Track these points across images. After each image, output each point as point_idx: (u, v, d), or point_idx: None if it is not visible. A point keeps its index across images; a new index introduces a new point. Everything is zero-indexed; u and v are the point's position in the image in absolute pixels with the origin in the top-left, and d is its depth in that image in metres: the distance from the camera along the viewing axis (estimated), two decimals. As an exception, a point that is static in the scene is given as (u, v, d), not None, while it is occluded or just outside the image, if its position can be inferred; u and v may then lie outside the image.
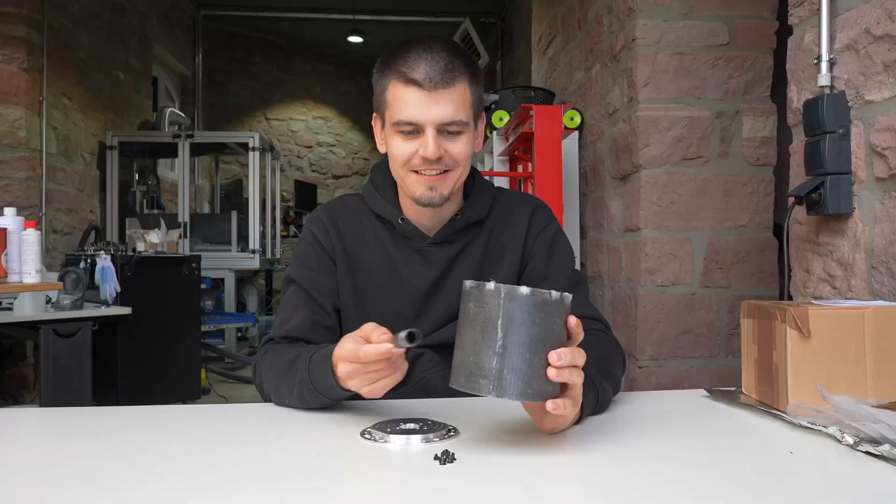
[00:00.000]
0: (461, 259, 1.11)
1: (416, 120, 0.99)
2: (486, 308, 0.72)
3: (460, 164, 1.03)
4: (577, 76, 3.23)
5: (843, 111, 1.25)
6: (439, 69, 0.97)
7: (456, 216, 1.11)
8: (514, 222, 1.14)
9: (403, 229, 1.10)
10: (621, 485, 0.67)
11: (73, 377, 2.90)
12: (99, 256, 3.48)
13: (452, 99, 0.99)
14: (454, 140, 1.01)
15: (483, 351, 0.72)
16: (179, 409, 1.06)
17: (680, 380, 2.43)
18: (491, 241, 1.13)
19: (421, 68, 0.97)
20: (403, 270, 1.10)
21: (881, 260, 1.16)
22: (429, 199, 1.03)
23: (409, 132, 1.00)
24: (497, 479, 0.69)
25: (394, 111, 1.00)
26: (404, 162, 1.02)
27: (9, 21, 4.07)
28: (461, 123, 1.00)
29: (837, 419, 0.80)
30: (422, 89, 0.97)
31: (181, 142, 5.55)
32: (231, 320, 5.46)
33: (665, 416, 0.97)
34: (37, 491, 0.68)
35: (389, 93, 1.01)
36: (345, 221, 1.13)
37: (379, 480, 0.70)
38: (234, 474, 0.71)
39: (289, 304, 1.10)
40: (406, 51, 0.99)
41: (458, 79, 0.99)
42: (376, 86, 1.05)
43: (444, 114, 0.98)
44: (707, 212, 2.45)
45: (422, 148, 1.00)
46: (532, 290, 0.72)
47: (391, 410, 0.97)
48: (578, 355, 0.74)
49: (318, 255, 1.11)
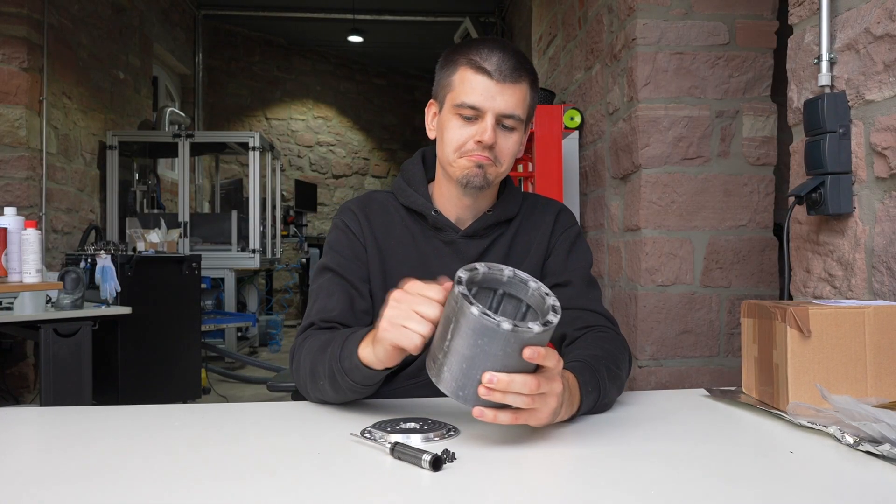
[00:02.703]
0: (488, 254, 1.14)
1: (481, 105, 1.03)
2: (450, 306, 0.76)
3: (506, 161, 1.08)
4: (578, 76, 3.23)
5: (843, 111, 1.25)
6: (510, 65, 1.03)
7: (488, 212, 1.15)
8: (539, 222, 1.19)
9: (436, 221, 1.13)
10: (621, 484, 0.67)
11: (73, 376, 2.91)
12: (99, 256, 3.48)
13: (516, 94, 1.04)
14: (507, 135, 1.06)
15: (438, 340, 0.77)
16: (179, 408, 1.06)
17: (680, 379, 2.43)
18: (517, 239, 1.17)
19: (494, 60, 1.02)
20: (433, 262, 1.12)
21: (881, 259, 1.16)
22: (475, 177, 1.06)
23: (468, 117, 1.04)
24: (497, 478, 0.69)
25: (459, 93, 1.04)
26: (458, 146, 1.05)
27: (9, 21, 4.07)
28: (517, 119, 1.05)
29: (837, 419, 0.80)
30: (491, 79, 1.02)
31: (181, 141, 5.56)
32: (231, 320, 5.46)
33: (665, 415, 0.97)
34: (37, 490, 0.68)
35: (458, 76, 1.05)
36: (375, 214, 1.16)
37: (379, 480, 0.70)
38: (235, 474, 0.71)
39: (325, 291, 1.10)
40: (480, 43, 1.05)
41: (524, 78, 1.05)
42: (441, 71, 1.09)
43: (506, 105, 1.03)
44: (707, 211, 2.45)
45: (479, 133, 1.03)
46: (481, 312, 0.71)
47: (391, 410, 0.97)
48: (523, 385, 0.74)
49: (351, 242, 1.13)
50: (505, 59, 1.03)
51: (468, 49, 1.05)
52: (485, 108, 1.03)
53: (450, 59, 1.07)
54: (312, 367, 0.98)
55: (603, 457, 0.75)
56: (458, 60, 1.05)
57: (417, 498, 0.65)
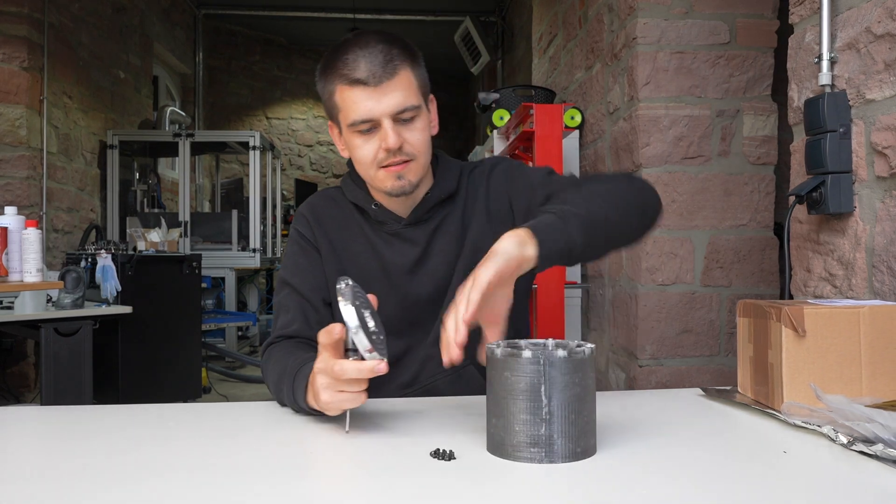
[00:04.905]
0: (439, 235, 1.13)
1: (370, 116, 1.01)
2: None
3: (421, 152, 1.05)
4: (578, 75, 3.22)
5: (843, 110, 1.24)
6: (379, 63, 1.00)
7: (427, 194, 1.13)
8: (479, 185, 1.16)
9: (377, 214, 1.13)
10: (615, 483, 0.67)
11: (73, 376, 2.91)
12: (100, 255, 3.48)
13: (399, 87, 1.01)
14: (411, 127, 1.03)
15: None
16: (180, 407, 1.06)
17: (680, 379, 2.43)
18: (465, 213, 1.14)
19: (362, 66, 1.00)
20: (384, 253, 1.13)
21: (882, 259, 1.16)
22: (400, 188, 1.06)
23: (366, 130, 1.03)
24: (496, 477, 0.69)
25: (347, 113, 1.03)
26: (370, 161, 1.04)
27: (9, 20, 4.07)
28: (413, 108, 1.03)
29: (831, 418, 0.80)
30: (367, 86, 1.00)
31: (182, 141, 5.56)
32: (231, 319, 5.46)
33: (660, 415, 0.97)
34: (37, 489, 0.68)
35: (338, 96, 1.03)
36: (326, 212, 1.17)
37: (378, 479, 0.70)
38: (235, 473, 0.71)
39: (283, 308, 1.13)
40: (343, 53, 1.02)
41: (400, 67, 1.01)
42: (323, 94, 1.07)
43: (394, 103, 1.00)
44: (707, 211, 2.45)
45: (382, 141, 1.02)
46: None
47: (391, 410, 0.97)
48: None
49: (304, 250, 1.15)
50: (372, 59, 0.99)
51: (336, 63, 1.02)
52: (376, 117, 1.01)
53: (324, 79, 1.05)
54: (277, 395, 1.00)
55: (597, 455, 0.75)
56: (332, 79, 1.03)
57: (417, 497, 0.65)
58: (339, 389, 0.81)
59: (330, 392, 0.82)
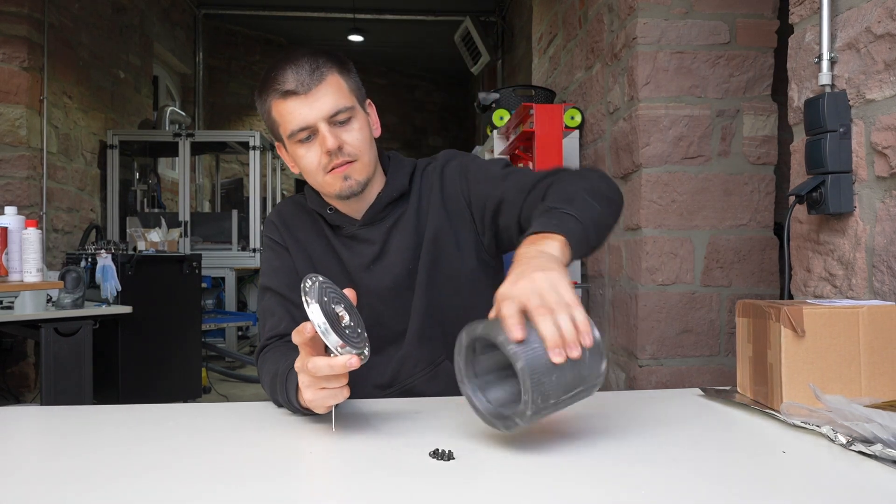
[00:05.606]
0: (395, 232, 1.14)
1: (305, 123, 1.03)
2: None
3: (363, 151, 1.07)
4: (578, 75, 3.22)
5: (843, 110, 1.24)
6: (306, 71, 1.03)
7: (380, 195, 1.14)
8: (432, 183, 1.17)
9: (333, 219, 1.15)
10: (615, 483, 0.67)
11: (73, 376, 2.91)
12: (100, 255, 3.48)
13: (328, 91, 1.04)
14: (348, 128, 1.06)
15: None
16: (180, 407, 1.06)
17: (680, 379, 2.43)
18: (421, 209, 1.16)
19: (290, 77, 1.03)
20: (343, 254, 1.15)
21: (882, 259, 1.16)
22: (348, 188, 1.07)
23: (306, 139, 1.05)
24: (495, 477, 0.69)
25: (285, 126, 1.06)
26: (316, 167, 1.06)
27: (9, 20, 4.07)
28: (347, 109, 1.05)
29: (830, 419, 0.80)
30: (298, 95, 1.03)
31: (182, 140, 5.56)
32: (231, 319, 5.46)
33: (659, 415, 0.96)
34: (37, 489, 0.68)
35: (275, 111, 1.06)
36: (293, 217, 1.20)
37: (378, 479, 0.70)
38: (235, 473, 0.71)
39: (268, 312, 1.15)
40: (273, 70, 1.06)
41: (327, 73, 1.04)
42: (263, 114, 1.10)
43: (327, 107, 1.03)
44: (707, 211, 2.45)
45: (321, 145, 1.04)
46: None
47: (388, 410, 0.97)
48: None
49: (278, 254, 1.18)
50: (298, 69, 1.03)
51: (268, 81, 1.06)
52: (311, 122, 1.03)
53: (261, 99, 1.08)
54: (273, 397, 1.00)
55: (597, 455, 0.75)
56: (266, 97, 1.06)
57: (417, 497, 0.65)
58: (321, 387, 0.82)
59: (312, 390, 0.83)
